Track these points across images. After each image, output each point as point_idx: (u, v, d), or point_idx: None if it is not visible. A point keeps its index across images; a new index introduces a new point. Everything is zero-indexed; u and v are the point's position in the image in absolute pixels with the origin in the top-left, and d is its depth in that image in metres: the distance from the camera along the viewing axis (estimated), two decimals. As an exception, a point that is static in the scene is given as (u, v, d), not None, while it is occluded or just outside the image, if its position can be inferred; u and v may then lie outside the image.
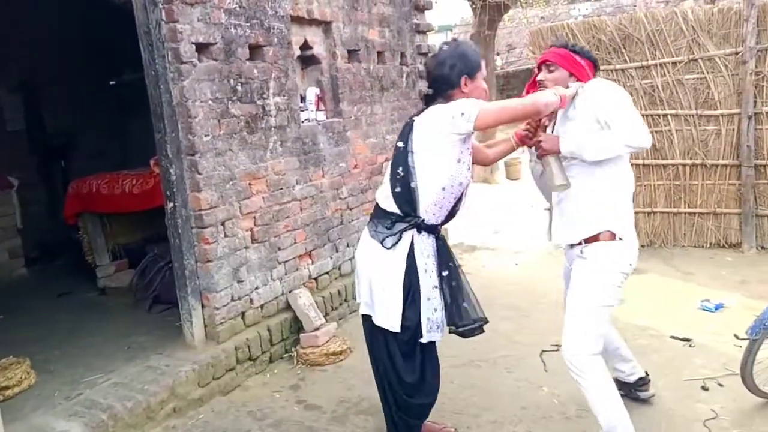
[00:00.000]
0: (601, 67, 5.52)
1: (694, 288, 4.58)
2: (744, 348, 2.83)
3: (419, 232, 2.43)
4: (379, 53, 4.89)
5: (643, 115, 5.45)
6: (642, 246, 5.52)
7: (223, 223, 3.40)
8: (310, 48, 4.22)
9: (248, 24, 3.54)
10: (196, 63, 3.21)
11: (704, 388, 3.10)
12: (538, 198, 7.31)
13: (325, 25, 4.30)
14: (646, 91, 5.47)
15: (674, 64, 5.35)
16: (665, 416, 2.90)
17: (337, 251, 4.39)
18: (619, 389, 2.95)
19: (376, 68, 4.85)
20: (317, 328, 3.74)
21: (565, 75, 2.68)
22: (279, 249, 3.82)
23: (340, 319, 4.19)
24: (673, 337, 3.71)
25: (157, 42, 3.11)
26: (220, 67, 3.36)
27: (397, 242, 2.40)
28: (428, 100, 2.52)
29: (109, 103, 6.81)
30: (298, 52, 4.10)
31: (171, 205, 3.26)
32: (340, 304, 4.27)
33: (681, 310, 4.15)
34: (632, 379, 3.00)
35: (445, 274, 2.45)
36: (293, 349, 3.75)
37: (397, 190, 2.42)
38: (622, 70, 5.51)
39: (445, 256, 2.47)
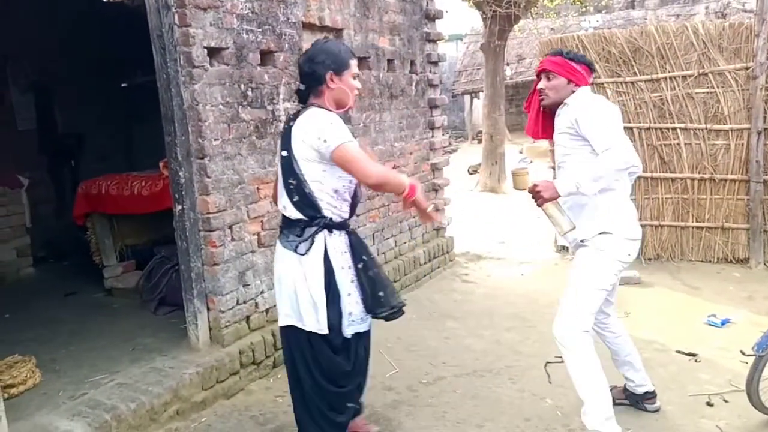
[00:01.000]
0: (611, 80, 5.56)
1: (701, 303, 4.56)
2: (750, 364, 2.82)
3: (330, 231, 2.45)
4: (389, 61, 4.91)
5: (652, 129, 5.53)
6: (649, 259, 5.59)
7: (230, 227, 3.41)
8: (321, 54, 4.23)
9: (260, 29, 3.57)
10: (207, 67, 3.23)
11: (709, 404, 3.08)
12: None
13: (336, 33, 4.33)
14: (655, 104, 5.47)
15: (684, 77, 5.36)
16: (670, 431, 2.88)
17: (342, 257, 4.38)
18: (626, 399, 3.01)
19: (386, 76, 4.86)
20: (321, 334, 3.74)
21: (564, 82, 2.82)
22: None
23: (344, 325, 4.18)
24: (678, 352, 3.69)
25: (170, 46, 3.13)
26: (232, 72, 3.38)
27: (310, 246, 2.41)
28: (300, 96, 2.55)
29: (120, 105, 6.86)
30: (308, 59, 4.12)
31: (179, 207, 3.28)
32: (345, 311, 4.26)
33: (687, 325, 4.14)
34: (640, 390, 3.03)
35: (360, 266, 2.47)
36: (297, 355, 3.74)
37: (295, 198, 2.44)
38: (632, 82, 5.51)
39: (358, 249, 2.50)
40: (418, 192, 2.43)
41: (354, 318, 2.48)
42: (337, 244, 2.46)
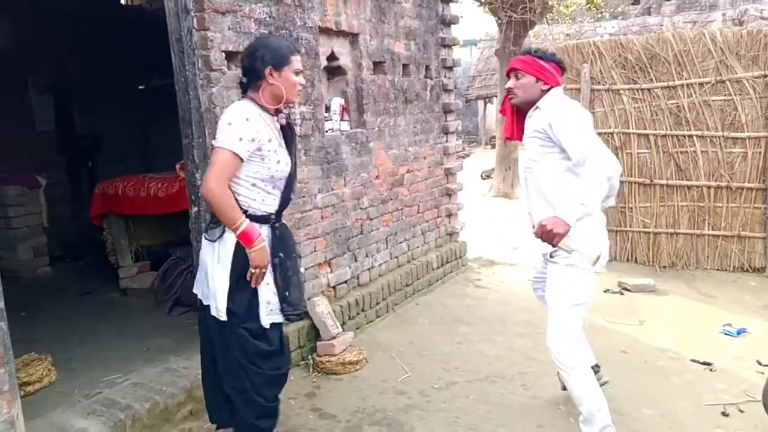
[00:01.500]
0: (627, 86, 5.54)
1: (716, 311, 4.52)
2: (766, 374, 2.79)
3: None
4: (405, 66, 4.92)
5: (668, 136, 5.50)
6: (664, 267, 5.56)
7: (245, 229, 3.43)
8: (337, 59, 4.26)
9: (277, 34, 3.59)
10: (225, 70, 3.26)
11: (724, 414, 3.05)
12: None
13: (352, 37, 4.35)
14: (672, 111, 5.44)
15: (701, 84, 5.32)
16: (684, 440, 2.87)
17: (356, 261, 4.40)
18: None
19: (401, 80, 4.88)
20: (334, 337, 3.75)
21: (532, 80, 2.79)
22: (299, 256, 3.84)
23: (357, 328, 4.19)
24: (693, 361, 3.66)
25: (188, 49, 3.16)
26: (249, 76, 3.40)
27: (222, 234, 2.45)
28: (242, 88, 2.58)
29: (137, 108, 6.93)
30: (324, 63, 4.15)
31: (195, 209, 3.30)
32: (357, 314, 4.28)
33: (702, 334, 4.10)
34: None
35: (276, 261, 2.50)
36: (309, 357, 3.76)
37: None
38: (648, 89, 5.49)
39: (278, 246, 2.52)
40: (255, 247, 2.40)
41: (272, 308, 2.52)
42: None
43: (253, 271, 2.42)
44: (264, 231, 2.50)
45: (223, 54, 3.24)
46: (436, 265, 5.32)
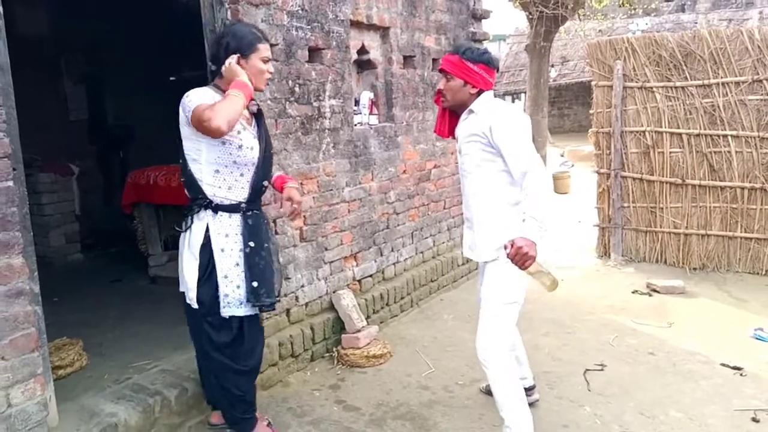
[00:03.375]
0: (660, 84, 5.44)
1: (747, 315, 4.43)
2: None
3: (215, 212, 2.48)
4: (434, 60, 4.90)
5: (702, 135, 5.39)
6: (694, 269, 5.47)
7: (274, 221, 3.46)
8: (367, 53, 4.26)
9: (309, 27, 3.60)
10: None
11: (755, 420, 2.99)
12: (586, 213, 7.21)
13: (383, 31, 4.34)
14: (706, 110, 5.33)
15: (737, 83, 5.20)
16: (712, 445, 2.82)
17: (381, 255, 4.41)
18: None
19: (430, 75, 4.86)
20: (359, 330, 3.77)
21: (460, 84, 2.67)
22: (326, 249, 3.87)
23: (381, 322, 4.20)
24: (723, 365, 3.59)
25: (222, 41, 3.18)
26: (280, 68, 3.42)
27: (190, 225, 2.51)
28: (212, 77, 2.57)
29: (167, 98, 6.99)
30: (355, 56, 4.15)
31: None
32: (382, 308, 4.29)
33: (732, 338, 4.02)
34: (525, 384, 3.01)
35: (247, 251, 2.50)
36: (334, 349, 3.78)
37: (182, 178, 2.53)
38: (683, 87, 5.38)
39: (249, 235, 2.51)
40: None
41: (230, 300, 2.51)
42: (222, 226, 2.50)
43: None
44: (235, 220, 2.50)
45: (256, 46, 3.25)
46: (461, 261, 5.30)
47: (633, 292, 4.97)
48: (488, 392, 3.22)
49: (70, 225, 5.68)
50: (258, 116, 2.63)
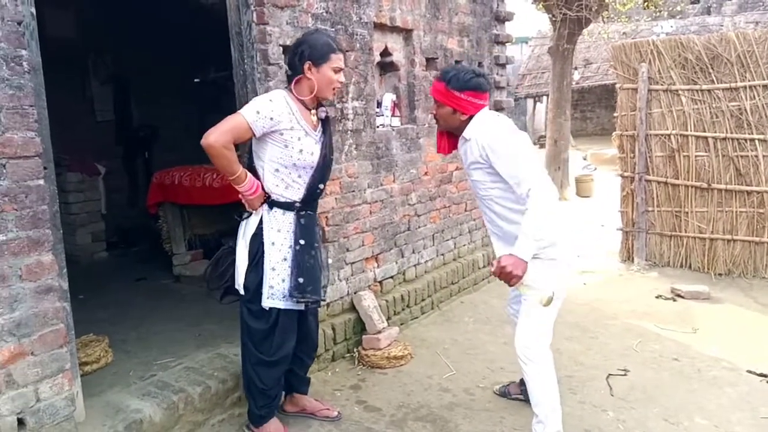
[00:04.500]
0: (686, 87, 5.38)
1: (774, 322, 4.36)
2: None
3: (271, 207, 2.62)
4: (457, 62, 4.89)
5: (728, 139, 5.31)
6: (719, 274, 5.39)
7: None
8: (390, 55, 4.27)
9: (333, 29, 3.62)
10: (282, 64, 3.29)
11: (782, 428, 2.94)
12: (609, 217, 7.14)
13: (406, 33, 4.35)
14: (733, 113, 5.25)
15: (765, 87, 5.12)
16: (738, 453, 2.78)
17: (402, 256, 4.41)
18: (521, 393, 3.16)
19: (453, 77, 4.84)
20: (379, 331, 3.77)
21: (449, 111, 2.69)
22: (347, 250, 3.88)
23: (401, 324, 4.20)
24: (749, 372, 3.53)
25: (247, 43, 3.22)
26: (304, 70, 3.44)
27: (248, 216, 2.66)
28: (288, 81, 2.67)
29: (192, 100, 7.09)
30: (377, 59, 4.16)
31: (248, 200, 3.36)
32: (403, 310, 4.29)
33: (759, 344, 3.95)
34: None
35: (297, 248, 2.61)
36: (355, 350, 3.79)
37: (252, 173, 2.63)
38: (709, 90, 5.32)
39: (301, 234, 2.62)
40: (247, 193, 2.56)
41: (274, 292, 2.62)
42: (275, 221, 2.62)
43: (250, 209, 2.63)
44: (288, 218, 2.62)
45: (281, 48, 3.28)
46: (482, 264, 5.28)
47: (657, 297, 4.91)
48: (502, 394, 3.27)
49: (96, 224, 5.77)
50: (324, 122, 2.73)
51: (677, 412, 3.09)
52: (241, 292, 2.69)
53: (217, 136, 2.45)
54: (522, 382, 3.11)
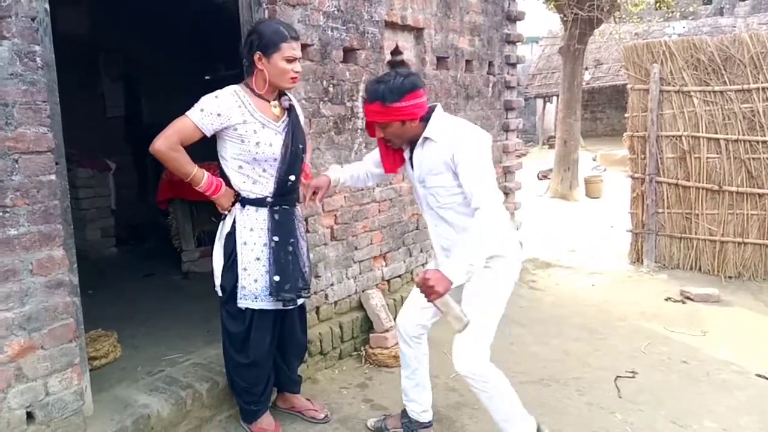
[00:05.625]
0: (698, 88, 5.34)
1: (785, 326, 4.33)
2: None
3: (243, 206, 2.56)
4: (468, 62, 4.89)
5: (740, 141, 5.27)
6: (729, 277, 5.35)
7: (305, 219, 3.48)
8: (401, 53, 4.26)
9: (344, 27, 3.62)
10: (292, 62, 3.30)
11: (792, 433, 2.92)
12: (619, 218, 7.11)
13: (417, 32, 4.35)
14: (745, 115, 5.21)
15: (779, 89, 5.08)
16: (747, 458, 2.76)
17: (410, 255, 4.41)
18: (401, 427, 2.90)
19: (463, 76, 4.84)
20: (387, 330, 3.77)
21: (398, 125, 2.43)
22: (356, 248, 3.88)
23: (409, 323, 4.19)
24: (759, 376, 3.51)
25: (258, 40, 3.22)
26: (315, 68, 3.45)
27: (224, 216, 2.62)
28: (246, 74, 2.61)
29: (200, 97, 7.10)
30: (388, 57, 4.16)
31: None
32: (411, 309, 4.28)
33: (769, 348, 3.93)
34: (425, 418, 2.88)
35: (272, 245, 2.55)
36: (362, 348, 3.79)
37: (218, 172, 2.62)
38: (721, 92, 5.28)
39: (275, 230, 2.56)
40: (215, 196, 2.55)
41: (246, 293, 2.58)
42: (248, 220, 2.56)
43: (220, 209, 2.62)
44: (261, 215, 2.56)
45: (292, 46, 3.28)
46: (490, 263, 5.26)
47: (666, 300, 4.88)
48: (378, 430, 2.95)
49: (106, 219, 5.80)
50: (289, 111, 2.65)
51: (685, 415, 3.07)
52: (219, 293, 2.66)
53: (162, 141, 2.43)
54: (404, 414, 2.91)
